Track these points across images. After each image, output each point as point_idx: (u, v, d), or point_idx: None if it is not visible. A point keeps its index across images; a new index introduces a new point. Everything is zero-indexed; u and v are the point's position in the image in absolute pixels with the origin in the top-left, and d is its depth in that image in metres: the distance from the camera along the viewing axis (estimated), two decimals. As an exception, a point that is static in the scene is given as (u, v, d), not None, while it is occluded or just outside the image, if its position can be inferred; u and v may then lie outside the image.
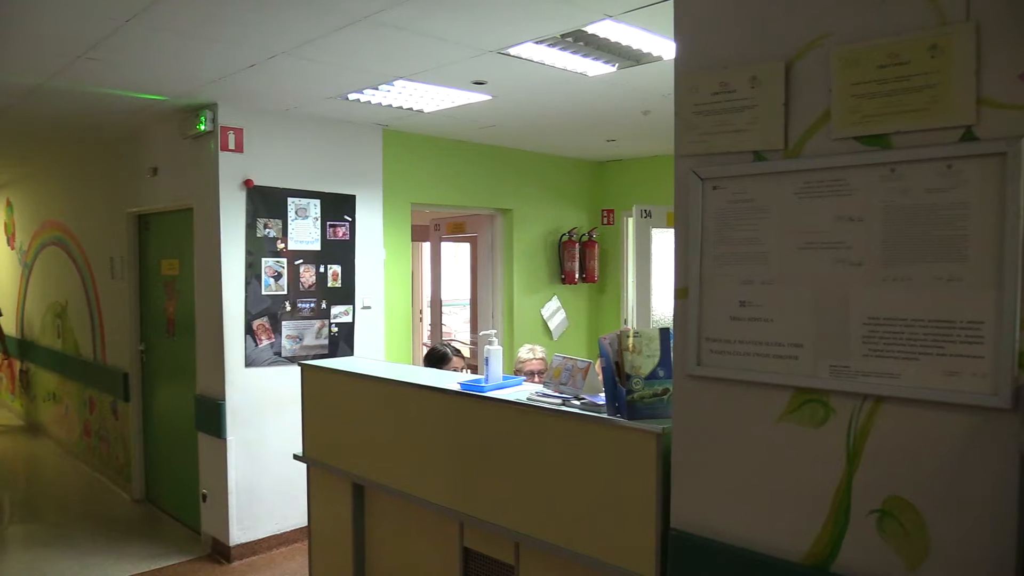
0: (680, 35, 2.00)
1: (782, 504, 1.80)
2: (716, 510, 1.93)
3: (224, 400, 4.66)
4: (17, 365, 8.69)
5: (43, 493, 6.34)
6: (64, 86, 4.11)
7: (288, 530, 4.94)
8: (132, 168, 5.64)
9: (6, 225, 9.08)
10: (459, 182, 6.11)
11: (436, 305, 8.28)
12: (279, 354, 4.85)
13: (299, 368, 3.63)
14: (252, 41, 3.36)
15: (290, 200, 4.86)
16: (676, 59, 1.99)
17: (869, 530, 1.66)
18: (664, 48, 3.51)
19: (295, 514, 4.87)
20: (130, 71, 3.84)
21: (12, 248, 8.88)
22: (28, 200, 8.26)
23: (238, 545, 4.73)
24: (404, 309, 5.82)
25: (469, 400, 2.73)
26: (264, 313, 4.77)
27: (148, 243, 5.76)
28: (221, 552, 4.77)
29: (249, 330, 4.71)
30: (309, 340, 4.99)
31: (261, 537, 4.84)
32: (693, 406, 1.97)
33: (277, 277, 4.81)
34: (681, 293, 1.98)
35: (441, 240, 8.15)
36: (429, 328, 8.69)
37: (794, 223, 1.77)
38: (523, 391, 2.71)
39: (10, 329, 8.80)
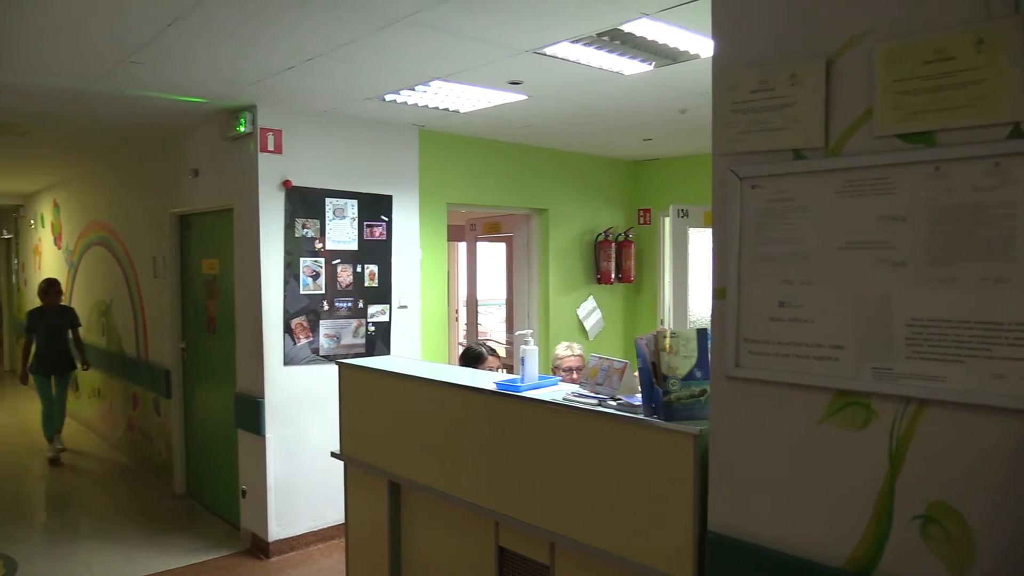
0: (718, 33, 1.98)
1: (822, 508, 1.77)
2: (754, 513, 1.91)
3: (263, 398, 4.72)
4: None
5: (88, 487, 6.49)
6: (108, 90, 4.20)
7: (325, 527, 5.00)
8: (174, 169, 5.75)
9: (53, 225, 9.33)
10: (495, 182, 6.12)
11: (472, 305, 8.32)
12: (317, 352, 4.90)
13: (336, 367, 3.67)
14: (291, 43, 3.41)
15: (328, 200, 4.91)
16: (714, 57, 1.97)
17: (912, 536, 1.63)
18: (702, 46, 3.48)
19: (332, 511, 4.92)
20: (172, 74, 3.91)
21: (59, 248, 9.12)
22: (74, 201, 8.48)
23: (276, 541, 4.80)
24: (440, 309, 5.84)
25: (505, 400, 2.73)
26: (302, 312, 4.82)
27: (189, 243, 5.87)
28: (260, 547, 4.84)
29: (288, 329, 4.77)
30: (346, 339, 5.04)
31: (299, 533, 4.90)
32: (731, 407, 1.95)
33: (315, 276, 4.87)
34: (719, 293, 1.96)
35: (477, 240, 8.19)
36: (465, 328, 8.74)
37: (835, 222, 1.74)
38: (559, 391, 2.70)
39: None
